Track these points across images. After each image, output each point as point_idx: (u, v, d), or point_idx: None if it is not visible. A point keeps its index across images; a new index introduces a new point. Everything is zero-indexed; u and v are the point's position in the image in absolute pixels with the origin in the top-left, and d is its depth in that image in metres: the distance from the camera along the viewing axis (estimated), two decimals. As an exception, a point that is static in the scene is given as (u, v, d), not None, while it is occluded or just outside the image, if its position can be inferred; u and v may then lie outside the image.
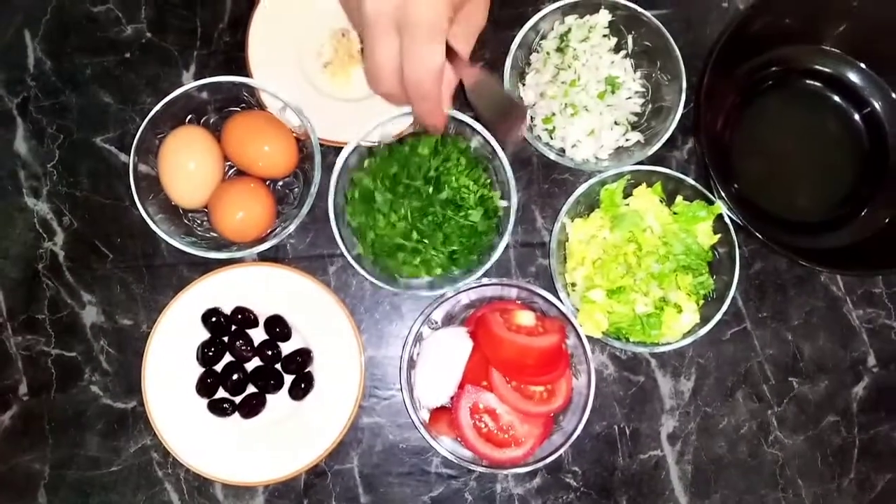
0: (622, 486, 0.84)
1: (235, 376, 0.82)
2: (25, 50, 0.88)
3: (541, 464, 0.77)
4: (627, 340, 0.80)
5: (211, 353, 0.82)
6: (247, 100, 0.84)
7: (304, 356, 0.82)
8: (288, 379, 0.83)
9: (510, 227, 0.77)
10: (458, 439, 0.79)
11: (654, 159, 0.85)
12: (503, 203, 0.80)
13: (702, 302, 0.81)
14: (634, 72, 0.86)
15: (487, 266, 0.78)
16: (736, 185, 0.85)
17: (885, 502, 0.85)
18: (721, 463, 0.85)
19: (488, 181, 0.81)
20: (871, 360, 0.86)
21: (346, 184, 0.81)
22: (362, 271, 0.77)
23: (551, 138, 0.85)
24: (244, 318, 0.82)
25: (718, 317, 0.79)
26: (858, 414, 0.86)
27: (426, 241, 0.78)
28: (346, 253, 0.77)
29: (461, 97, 0.70)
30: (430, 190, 0.77)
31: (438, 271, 0.80)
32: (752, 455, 0.85)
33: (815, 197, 0.87)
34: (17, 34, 0.88)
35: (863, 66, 0.86)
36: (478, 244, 0.80)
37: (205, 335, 0.83)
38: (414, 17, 0.59)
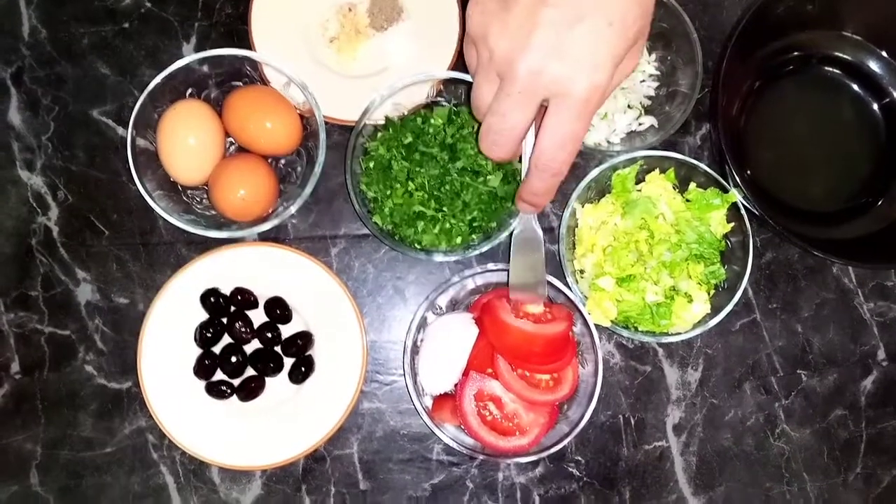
0: (626, 477, 0.83)
1: (234, 358, 0.80)
2: (20, 18, 0.85)
3: (545, 453, 0.76)
4: (636, 330, 0.79)
5: (209, 335, 0.80)
6: (249, 74, 0.81)
7: (304, 339, 0.80)
8: (288, 362, 0.81)
9: None
10: (462, 427, 0.77)
11: (667, 144, 0.83)
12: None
13: (712, 292, 0.80)
14: (649, 54, 0.84)
15: (508, 232, 0.76)
16: (749, 172, 0.83)
17: (891, 498, 0.84)
18: (726, 455, 0.83)
19: None
20: (881, 354, 0.85)
21: (360, 154, 0.79)
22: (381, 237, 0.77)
23: (563, 121, 0.82)
24: (244, 299, 0.80)
25: (729, 307, 0.77)
26: (866, 408, 0.84)
27: (445, 209, 0.76)
28: (363, 219, 0.76)
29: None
30: (447, 157, 0.76)
31: (458, 240, 0.78)
32: (757, 447, 0.84)
33: (829, 187, 0.85)
34: (10, 1, 0.85)
35: (884, 53, 0.84)
36: (498, 210, 0.78)
37: (203, 316, 0.80)
38: (575, 91, 0.51)
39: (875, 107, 0.85)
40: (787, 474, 0.84)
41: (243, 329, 0.80)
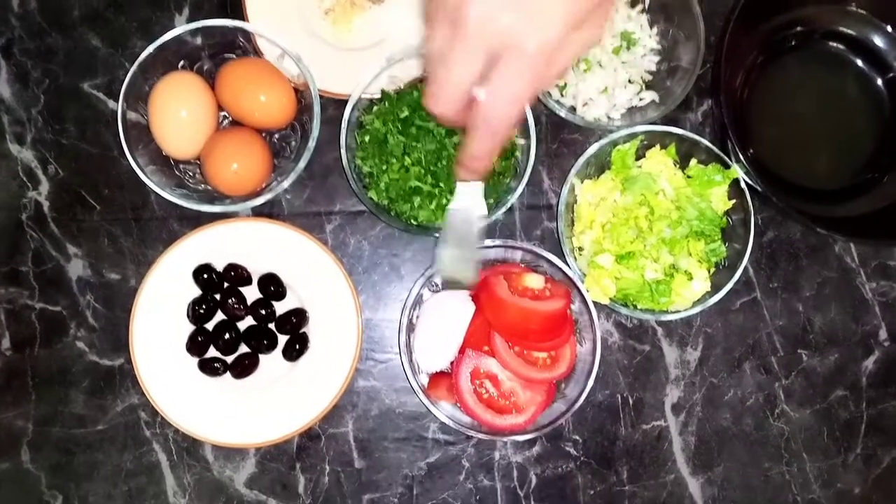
0: (623, 457, 0.82)
1: (227, 335, 0.79)
2: (9, -12, 0.84)
3: (542, 432, 0.75)
4: (635, 307, 0.78)
5: (202, 311, 0.79)
6: (243, 46, 0.79)
7: (298, 316, 0.79)
8: (282, 339, 0.80)
9: (529, 166, 0.75)
10: (458, 405, 0.77)
11: (668, 121, 0.82)
12: (521, 141, 0.77)
13: (713, 270, 0.78)
14: (650, 28, 0.82)
15: (505, 208, 0.75)
16: (752, 150, 0.81)
17: (891, 478, 0.83)
18: (725, 435, 0.82)
19: None
20: (883, 334, 0.84)
21: (355, 128, 0.77)
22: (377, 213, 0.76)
23: (562, 95, 0.81)
24: (237, 275, 0.79)
25: (730, 285, 0.76)
26: (867, 388, 0.83)
27: (442, 184, 0.75)
28: (358, 194, 0.75)
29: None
30: (443, 132, 0.74)
31: None
32: (757, 428, 0.83)
33: (833, 164, 0.83)
34: (0, -29, 0.84)
35: (889, 28, 0.83)
36: (495, 186, 0.77)
37: (196, 292, 0.79)
38: (524, 47, 0.49)
39: (879, 82, 0.84)
40: (786, 454, 0.83)
41: (237, 305, 0.79)
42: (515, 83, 0.51)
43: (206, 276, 0.78)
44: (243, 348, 0.80)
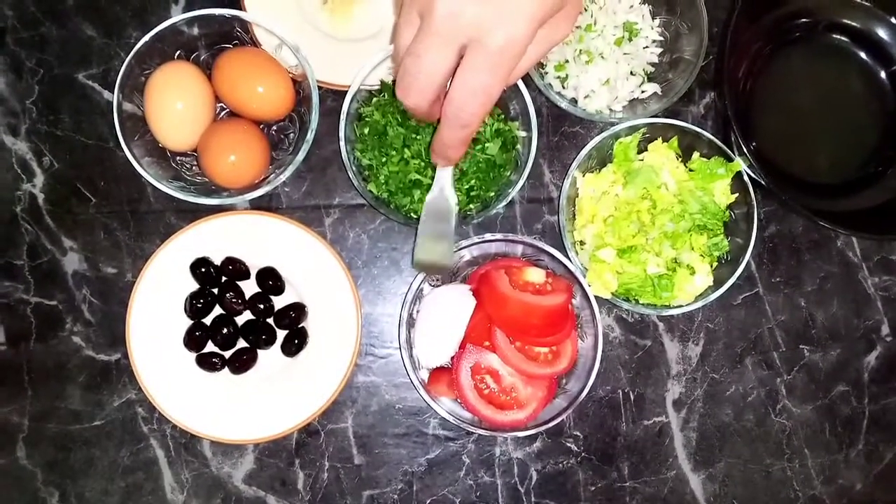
0: (624, 452, 0.81)
1: (225, 330, 0.78)
2: (2, -23, 0.82)
3: (543, 428, 0.74)
4: (637, 302, 0.77)
5: (200, 306, 0.78)
6: (240, 36, 0.78)
7: (297, 311, 0.78)
8: (280, 334, 0.79)
9: (530, 159, 0.74)
10: (458, 401, 0.76)
11: (669, 114, 0.81)
12: (523, 133, 0.76)
13: (715, 264, 0.78)
14: (653, 19, 0.81)
15: (506, 201, 0.75)
16: (755, 143, 0.81)
17: (893, 474, 0.83)
18: (727, 431, 0.82)
19: (502, 116, 0.77)
20: (885, 329, 0.84)
21: (354, 119, 0.76)
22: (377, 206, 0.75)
23: (563, 87, 0.80)
24: (235, 269, 0.78)
25: (732, 280, 0.75)
26: (869, 384, 0.83)
27: None
28: (357, 187, 0.74)
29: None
30: None
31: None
32: (758, 423, 0.82)
33: (836, 157, 0.83)
34: (-7, -41, 0.82)
35: (892, 20, 0.82)
36: (497, 179, 0.76)
37: (193, 286, 0.78)
38: (491, 40, 0.50)
39: (883, 75, 0.83)
40: (788, 451, 0.82)
41: (235, 300, 0.78)
42: (481, 75, 0.52)
43: (203, 269, 0.77)
44: (241, 343, 0.79)
